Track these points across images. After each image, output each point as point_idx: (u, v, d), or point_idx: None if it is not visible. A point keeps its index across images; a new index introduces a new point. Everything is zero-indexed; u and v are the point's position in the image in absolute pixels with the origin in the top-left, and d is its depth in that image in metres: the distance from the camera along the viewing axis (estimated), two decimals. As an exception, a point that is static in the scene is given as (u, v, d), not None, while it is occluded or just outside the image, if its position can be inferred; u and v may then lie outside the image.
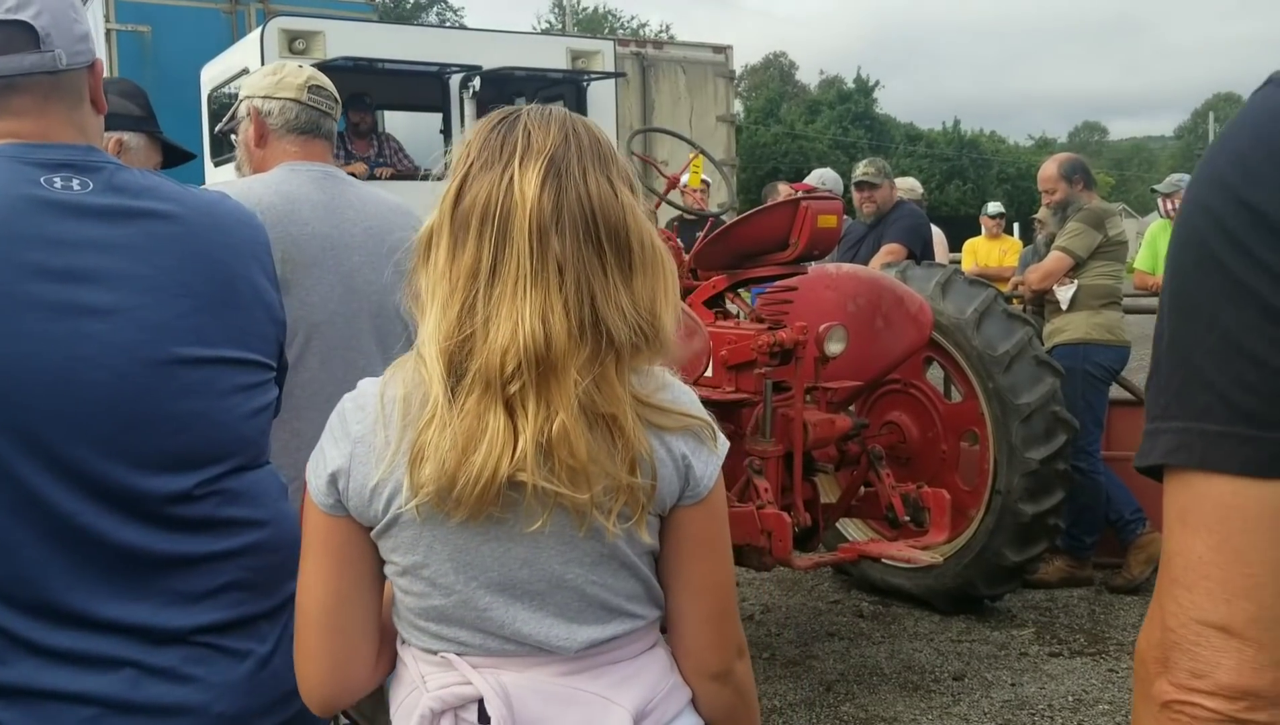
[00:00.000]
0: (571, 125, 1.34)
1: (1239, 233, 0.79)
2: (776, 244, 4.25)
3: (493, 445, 1.23)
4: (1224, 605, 0.80)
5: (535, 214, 1.26)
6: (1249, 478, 0.79)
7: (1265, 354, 0.78)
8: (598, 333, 1.27)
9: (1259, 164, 0.80)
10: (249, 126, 2.64)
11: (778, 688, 4.17)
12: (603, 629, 1.35)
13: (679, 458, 1.33)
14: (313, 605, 1.34)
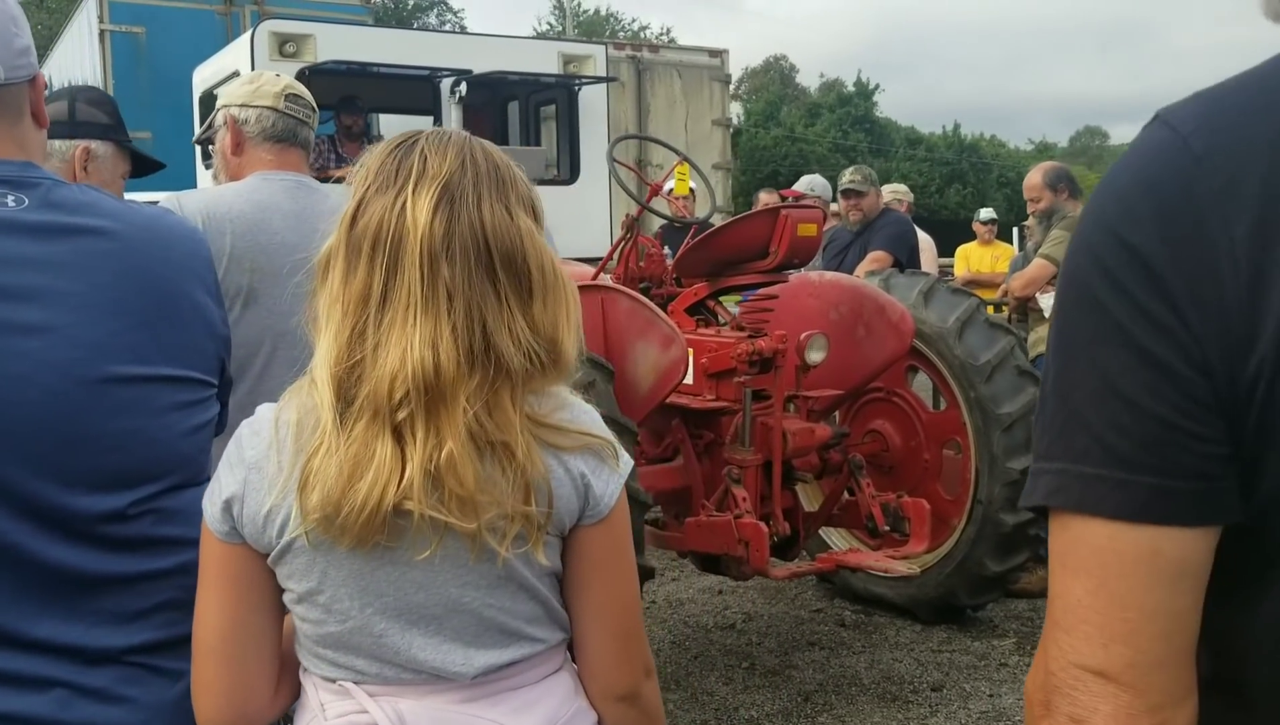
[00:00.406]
0: (470, 151, 1.33)
1: (1118, 274, 0.79)
2: (757, 252, 4.24)
3: (379, 473, 1.23)
4: (1101, 650, 0.79)
5: (426, 241, 1.26)
6: (1123, 522, 0.78)
7: (1139, 398, 0.78)
8: (489, 360, 1.26)
9: (1137, 205, 0.79)
10: (225, 134, 2.64)
11: (756, 698, 4.16)
12: (501, 653, 1.34)
13: (578, 477, 1.33)
14: (209, 634, 1.33)
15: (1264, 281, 0.74)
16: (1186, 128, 0.79)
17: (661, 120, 13.25)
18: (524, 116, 9.60)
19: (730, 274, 4.40)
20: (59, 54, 14.71)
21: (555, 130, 9.32)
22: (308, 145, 2.67)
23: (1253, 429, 0.76)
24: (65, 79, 13.99)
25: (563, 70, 8.62)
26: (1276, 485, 0.76)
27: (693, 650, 4.66)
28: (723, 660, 4.54)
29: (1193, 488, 0.77)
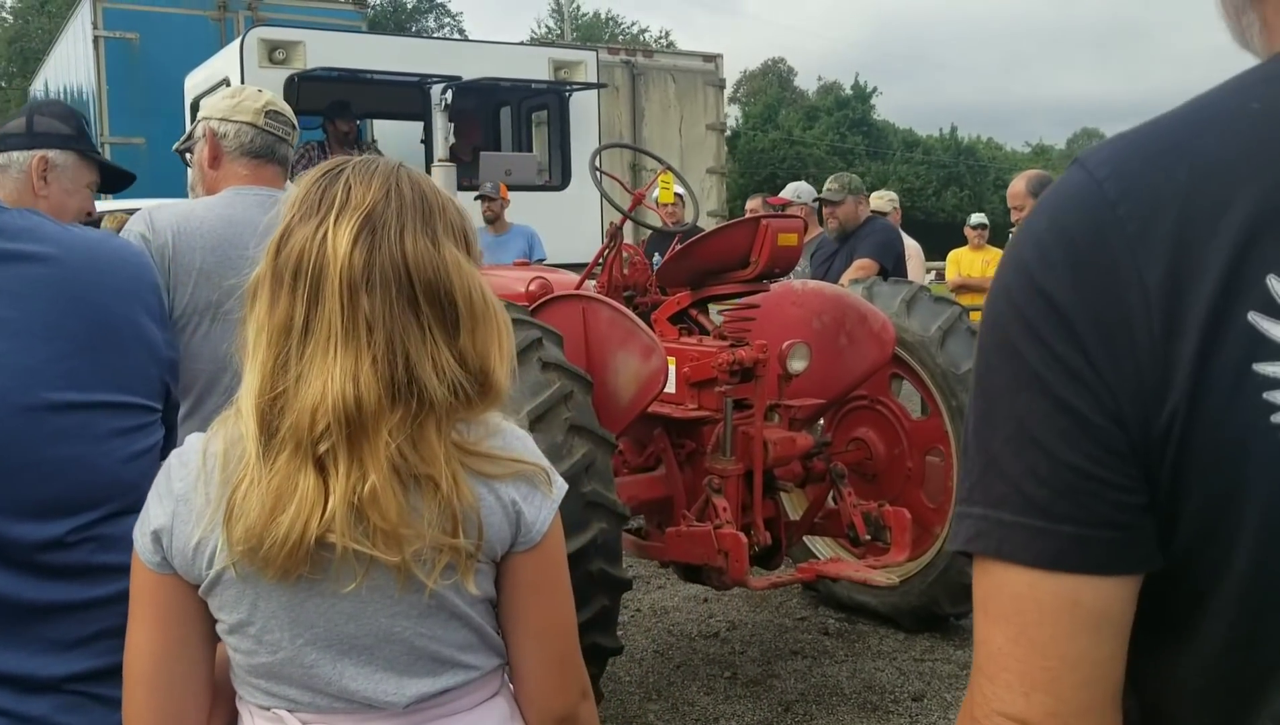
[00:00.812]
0: (396, 181, 1.32)
1: (1034, 321, 0.78)
2: (737, 262, 4.24)
3: (301, 506, 1.22)
4: (1022, 699, 0.79)
5: (346, 271, 1.25)
6: (1042, 570, 0.78)
7: (1055, 446, 0.77)
8: (411, 393, 1.26)
9: (1052, 251, 0.79)
10: (204, 147, 2.65)
11: (736, 708, 4.16)
12: (434, 681, 1.34)
13: (509, 505, 1.33)
14: (140, 664, 1.32)
15: (1176, 330, 0.73)
16: (1102, 172, 0.78)
17: (656, 125, 13.25)
18: (516, 122, 9.61)
19: (712, 283, 4.40)
20: (55, 60, 14.72)
21: (547, 136, 9.33)
22: (286, 162, 2.69)
23: (1167, 478, 0.75)
24: (60, 85, 14.00)
25: (553, 76, 8.63)
26: (1192, 533, 0.76)
27: (676, 659, 4.66)
28: (705, 669, 4.54)
29: (1110, 536, 0.77)
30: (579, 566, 3.45)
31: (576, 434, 3.51)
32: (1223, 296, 0.72)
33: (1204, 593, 0.76)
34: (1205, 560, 0.75)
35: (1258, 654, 0.75)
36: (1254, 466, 0.72)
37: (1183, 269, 0.73)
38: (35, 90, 16.86)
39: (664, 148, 13.19)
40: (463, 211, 1.40)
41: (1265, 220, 0.72)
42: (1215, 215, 0.73)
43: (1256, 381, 0.72)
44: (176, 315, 2.34)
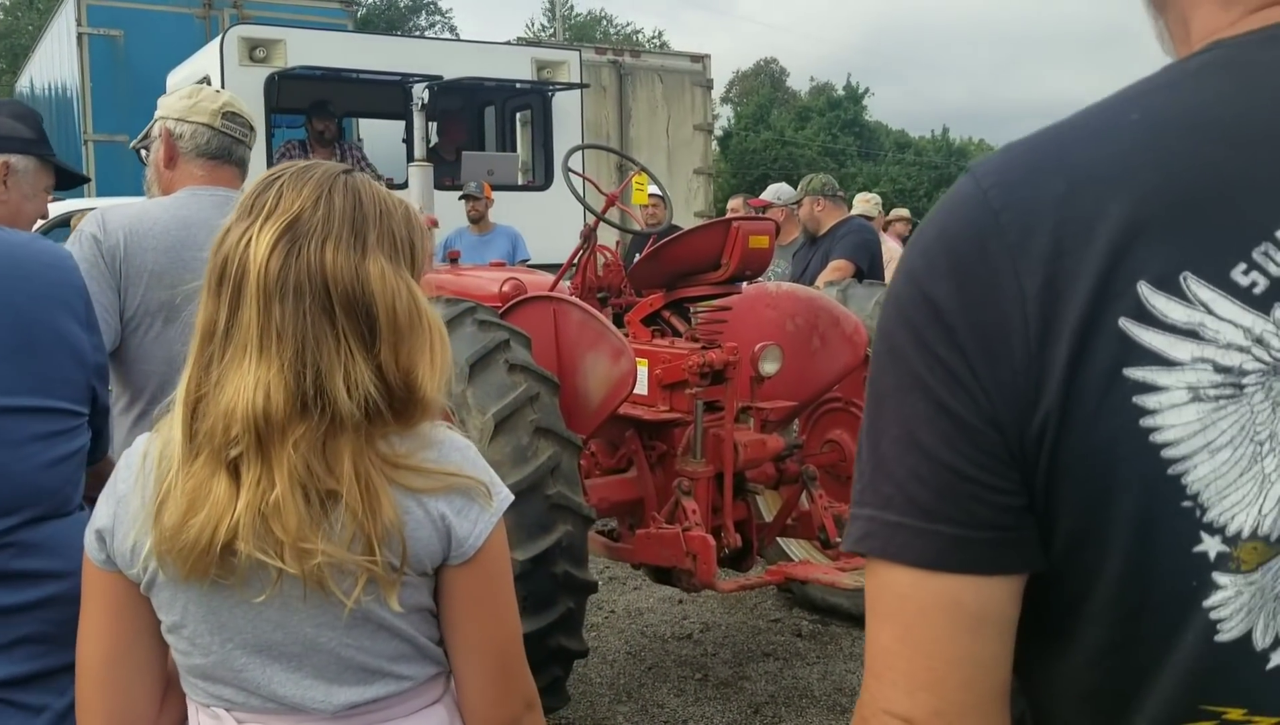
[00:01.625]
0: (329, 189, 1.31)
1: (919, 326, 0.79)
2: (709, 264, 4.24)
3: (213, 510, 1.22)
4: (907, 697, 0.80)
5: (262, 278, 1.25)
6: (924, 570, 0.79)
7: (936, 449, 0.78)
8: (318, 405, 1.24)
9: (937, 259, 0.80)
10: (160, 147, 2.63)
11: (705, 710, 4.16)
12: (364, 690, 1.34)
13: (437, 519, 1.31)
14: (90, 659, 1.33)
15: (1051, 336, 0.74)
16: (987, 182, 0.79)
17: (643, 125, 13.25)
18: (500, 122, 9.60)
19: (684, 285, 4.40)
20: (39, 57, 14.67)
21: (531, 136, 9.32)
22: (243, 163, 2.67)
23: (1042, 482, 0.76)
24: (45, 82, 13.96)
25: (536, 76, 8.62)
26: (1069, 536, 0.77)
27: (648, 661, 4.66)
28: (676, 671, 4.54)
29: (990, 537, 0.78)
30: (544, 569, 3.45)
31: (542, 436, 3.51)
32: (1095, 303, 0.73)
33: (1082, 595, 0.77)
34: (1081, 563, 0.76)
35: (1133, 656, 0.76)
36: (1124, 469, 0.73)
37: (1059, 277, 0.74)
38: (21, 87, 16.80)
39: (651, 148, 13.18)
40: (413, 221, 1.38)
41: (1137, 229, 0.73)
42: (1090, 224, 0.74)
43: (1127, 386, 0.73)
44: (128, 316, 2.33)
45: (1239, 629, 0.73)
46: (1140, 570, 0.74)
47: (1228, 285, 0.72)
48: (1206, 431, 0.72)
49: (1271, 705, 0.73)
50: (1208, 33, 0.82)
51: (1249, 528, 0.71)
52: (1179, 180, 0.74)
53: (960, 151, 46.84)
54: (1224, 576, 0.72)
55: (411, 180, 5.53)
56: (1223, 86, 0.77)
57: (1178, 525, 0.72)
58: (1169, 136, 0.76)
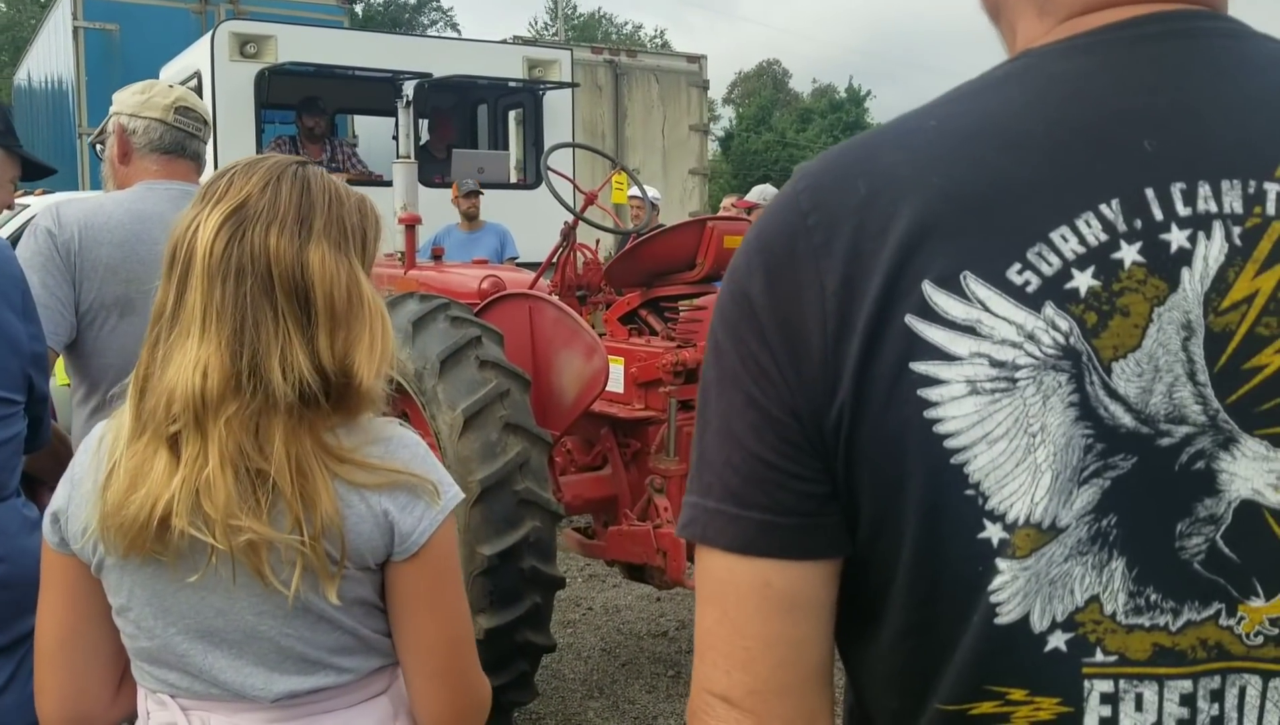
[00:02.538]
0: (278, 176, 1.35)
1: (736, 322, 0.83)
2: (684, 263, 4.27)
3: (153, 486, 1.25)
4: (724, 676, 0.83)
5: (206, 260, 1.28)
6: (737, 554, 0.82)
7: (746, 438, 0.82)
8: (254, 386, 1.27)
9: (753, 258, 0.84)
10: (114, 142, 2.64)
11: (676, 706, 4.18)
12: (304, 680, 1.35)
13: (380, 514, 1.33)
14: (47, 640, 1.36)
15: (846, 332, 0.78)
16: (801, 185, 0.84)
17: (639, 125, 13.27)
18: (492, 120, 9.61)
19: (660, 284, 4.42)
20: (37, 50, 14.70)
21: (523, 134, 9.34)
22: (198, 157, 2.68)
23: (841, 471, 0.80)
24: (42, 75, 14.00)
25: (527, 75, 8.63)
26: (868, 524, 0.80)
27: (622, 658, 4.68)
28: (650, 668, 4.56)
29: (795, 523, 0.81)
30: (511, 564, 3.47)
31: (511, 432, 3.53)
32: (884, 301, 0.76)
33: (885, 580, 0.80)
34: (880, 548, 0.80)
35: (928, 639, 0.80)
36: (911, 460, 0.76)
37: (855, 276, 0.78)
38: (19, 80, 16.84)
39: (647, 148, 13.21)
40: (366, 212, 1.40)
41: (924, 230, 0.77)
42: (884, 226, 0.78)
43: (912, 379, 0.76)
44: (84, 310, 2.35)
45: (1017, 613, 0.76)
46: (930, 556, 0.77)
47: (1003, 284, 0.75)
48: (984, 423, 0.75)
49: (1050, 685, 0.76)
50: (1026, 41, 0.86)
51: (1024, 515, 0.75)
52: (962, 185, 0.77)
53: (961, 155, 46.72)
54: (1004, 562, 0.75)
55: (395, 178, 5.54)
56: (1018, 95, 0.81)
57: (963, 513, 0.76)
58: (961, 143, 0.79)
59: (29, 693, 1.44)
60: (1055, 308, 0.75)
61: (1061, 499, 0.75)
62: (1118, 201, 0.75)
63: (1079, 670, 0.76)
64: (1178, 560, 0.75)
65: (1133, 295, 0.74)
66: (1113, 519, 0.75)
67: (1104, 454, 0.75)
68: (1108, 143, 0.77)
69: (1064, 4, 0.84)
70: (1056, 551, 0.75)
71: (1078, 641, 0.76)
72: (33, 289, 1.76)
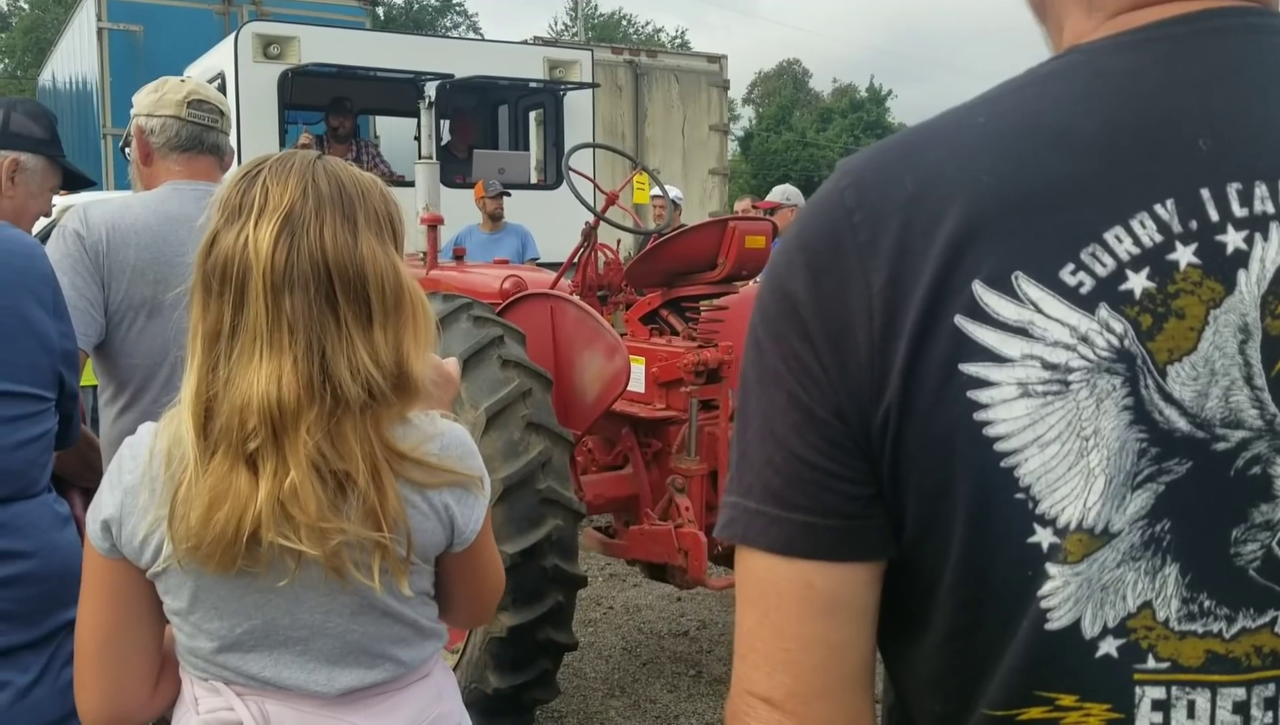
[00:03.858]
0: (312, 176, 1.35)
1: (777, 321, 0.82)
2: (705, 263, 4.27)
3: (235, 503, 1.26)
4: (766, 678, 0.82)
5: (268, 274, 1.28)
6: (778, 556, 0.81)
7: (788, 438, 0.81)
8: (326, 390, 1.29)
9: (795, 255, 0.83)
10: (135, 144, 2.66)
11: (698, 706, 4.18)
12: (365, 674, 1.40)
13: (441, 510, 1.38)
14: (87, 639, 1.38)
15: (893, 332, 0.77)
16: (844, 182, 0.82)
17: (659, 125, 13.28)
18: (513, 121, 9.64)
19: (681, 284, 4.43)
20: (60, 51, 14.82)
21: (543, 135, 9.36)
22: (218, 150, 2.66)
23: (888, 473, 0.79)
24: (66, 76, 14.11)
25: (548, 75, 8.65)
26: (915, 526, 0.79)
27: (643, 657, 4.69)
28: (671, 668, 4.57)
29: (838, 524, 0.80)
30: (534, 562, 3.48)
31: (534, 431, 3.54)
32: (933, 301, 0.75)
33: (931, 582, 0.79)
34: (926, 551, 0.79)
35: (975, 643, 0.79)
36: (959, 462, 0.75)
37: (902, 275, 0.77)
38: (43, 81, 16.97)
39: (667, 148, 13.21)
40: (388, 197, 1.42)
41: (974, 230, 0.75)
42: (932, 224, 0.76)
43: (961, 380, 0.75)
44: (112, 310, 2.37)
45: (1068, 618, 0.75)
46: (978, 559, 0.76)
47: (1056, 285, 0.74)
48: (1036, 426, 0.74)
49: (1100, 692, 0.75)
50: (1074, 38, 0.84)
51: (1075, 520, 0.74)
52: (1013, 183, 0.76)
53: (982, 154, 46.51)
54: (1054, 567, 0.74)
55: (418, 178, 5.57)
56: (1062, 91, 0.79)
57: (1012, 516, 0.74)
58: (1010, 140, 0.78)
59: (61, 685, 1.46)
60: (1109, 310, 0.74)
61: (1115, 504, 0.74)
62: (1172, 202, 0.74)
63: (1130, 677, 0.75)
64: (1232, 567, 0.74)
65: (1188, 297, 0.73)
66: (1166, 524, 0.74)
67: (1158, 458, 0.74)
68: (1161, 142, 0.75)
69: (1113, 0, 0.82)
70: (1109, 557, 0.74)
71: (1129, 648, 0.75)
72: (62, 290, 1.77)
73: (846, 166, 0.84)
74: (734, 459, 0.86)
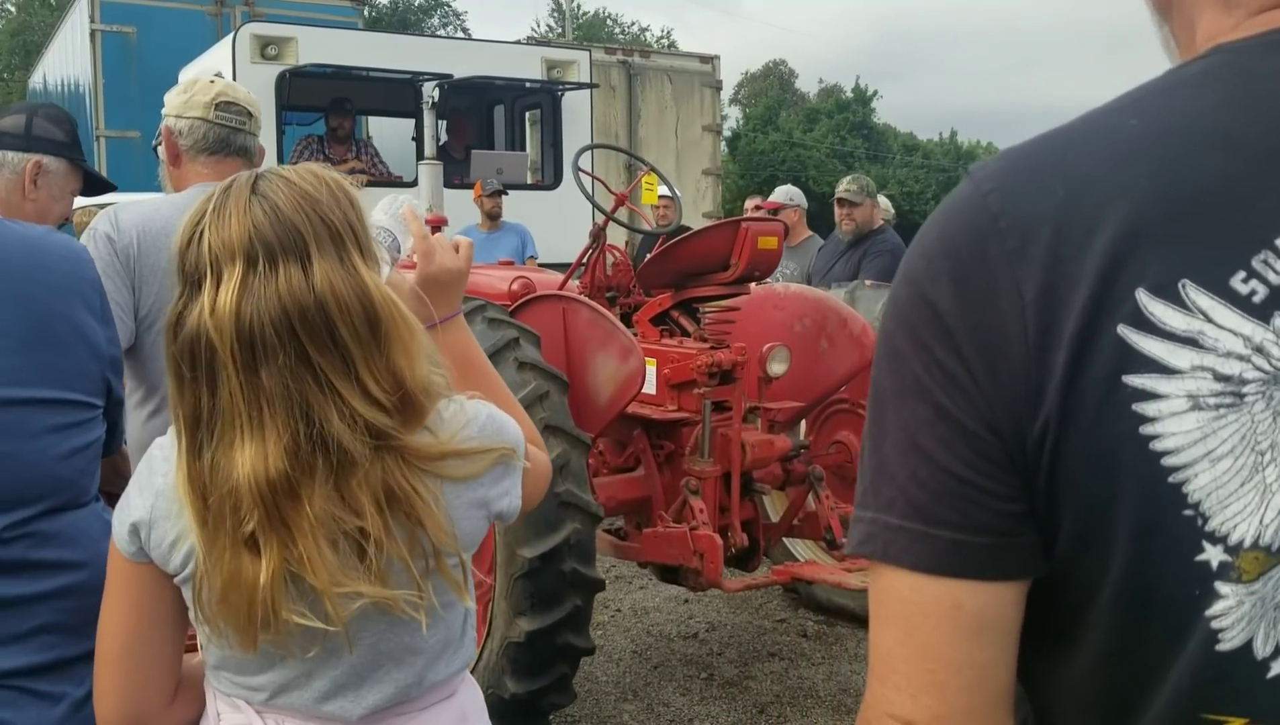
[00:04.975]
0: (252, 219, 1.24)
1: (919, 329, 0.79)
2: (718, 264, 4.25)
3: (244, 587, 1.23)
4: (910, 700, 0.79)
5: (235, 353, 1.21)
6: (925, 574, 0.78)
7: (935, 452, 0.78)
8: (327, 452, 1.23)
9: (937, 262, 0.80)
10: (165, 146, 2.64)
11: (711, 709, 4.17)
12: (392, 686, 1.37)
13: (483, 504, 1.36)
14: (109, 644, 1.35)
15: (1050, 342, 0.74)
16: (987, 186, 0.79)
17: (652, 125, 13.27)
18: (509, 121, 9.63)
19: (692, 285, 4.41)
20: (53, 53, 14.73)
21: (540, 135, 9.34)
22: (247, 152, 2.64)
23: (1043, 487, 0.76)
24: (58, 78, 14.01)
25: (546, 76, 8.64)
26: (1070, 542, 0.76)
27: (654, 660, 4.67)
28: (682, 670, 4.55)
29: (989, 542, 0.77)
30: (552, 566, 3.46)
31: (552, 434, 3.52)
32: (1094, 310, 0.73)
33: (1085, 601, 0.77)
34: (1083, 568, 0.76)
35: (1135, 664, 0.76)
36: (1124, 476, 0.72)
37: (1057, 282, 0.74)
38: (34, 83, 16.86)
39: (660, 148, 13.21)
40: (339, 196, 1.31)
41: (1135, 236, 0.73)
42: (1088, 231, 0.74)
43: (1126, 393, 0.72)
44: (142, 313, 2.35)
45: (1240, 638, 0.73)
46: (1142, 578, 0.74)
47: (1227, 293, 0.72)
48: (1207, 440, 0.71)
49: (1272, 714, 0.73)
50: (1210, 37, 0.82)
51: (1250, 537, 0.71)
52: (1177, 187, 0.74)
53: (968, 154, 46.74)
54: (1225, 586, 0.72)
55: (421, 178, 5.54)
56: (1221, 93, 0.77)
57: (1179, 534, 0.72)
58: (1167, 143, 0.76)
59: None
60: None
61: None
62: None
63: None
64: None
65: None
66: None
67: None
68: None
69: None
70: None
71: None
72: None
73: (986, 171, 0.81)
74: (867, 472, 0.83)
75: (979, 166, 0.83)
